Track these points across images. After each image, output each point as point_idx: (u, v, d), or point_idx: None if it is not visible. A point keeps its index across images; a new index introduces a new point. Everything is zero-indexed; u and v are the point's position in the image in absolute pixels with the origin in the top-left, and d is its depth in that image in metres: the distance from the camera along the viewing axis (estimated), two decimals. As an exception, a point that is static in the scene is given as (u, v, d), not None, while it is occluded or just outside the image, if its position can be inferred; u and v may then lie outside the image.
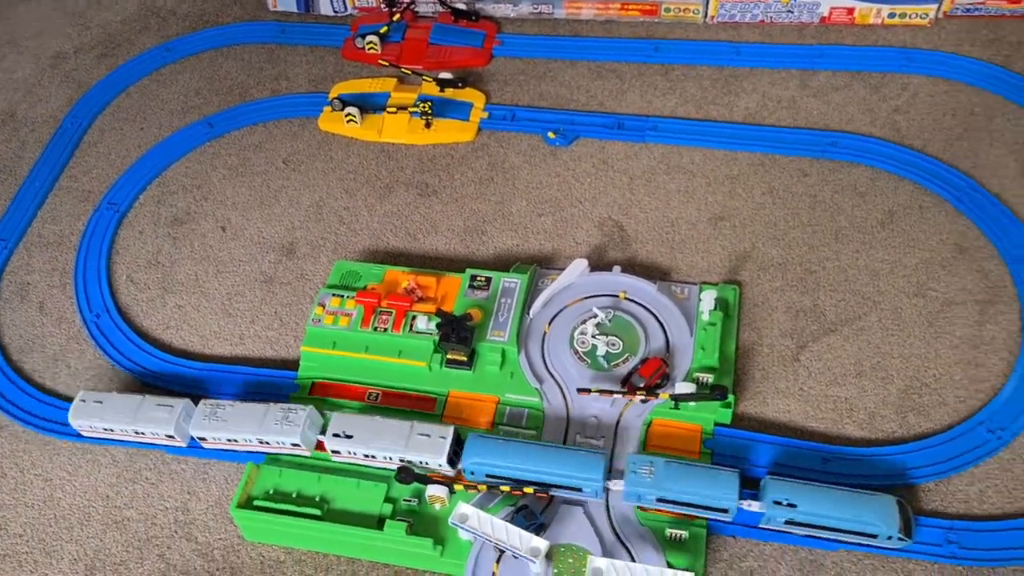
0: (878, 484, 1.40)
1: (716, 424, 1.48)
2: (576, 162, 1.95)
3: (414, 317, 1.60)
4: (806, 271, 1.71)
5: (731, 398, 1.46)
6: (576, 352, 1.57)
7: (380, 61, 2.12)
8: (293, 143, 2.06)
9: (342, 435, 1.43)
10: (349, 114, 2.01)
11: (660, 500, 1.34)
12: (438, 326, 1.54)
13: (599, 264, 1.74)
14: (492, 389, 1.55)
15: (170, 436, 1.49)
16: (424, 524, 1.40)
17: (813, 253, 1.73)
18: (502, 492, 1.40)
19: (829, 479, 1.40)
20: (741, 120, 1.98)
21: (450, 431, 1.42)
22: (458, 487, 1.40)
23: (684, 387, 1.47)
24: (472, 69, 2.17)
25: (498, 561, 1.35)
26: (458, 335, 1.52)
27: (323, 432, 1.46)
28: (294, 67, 2.23)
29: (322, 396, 1.57)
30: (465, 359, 1.55)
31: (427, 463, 1.41)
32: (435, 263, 1.80)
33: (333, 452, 1.45)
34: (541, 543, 1.28)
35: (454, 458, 1.42)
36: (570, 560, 1.34)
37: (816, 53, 2.08)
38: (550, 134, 1.98)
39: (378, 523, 1.38)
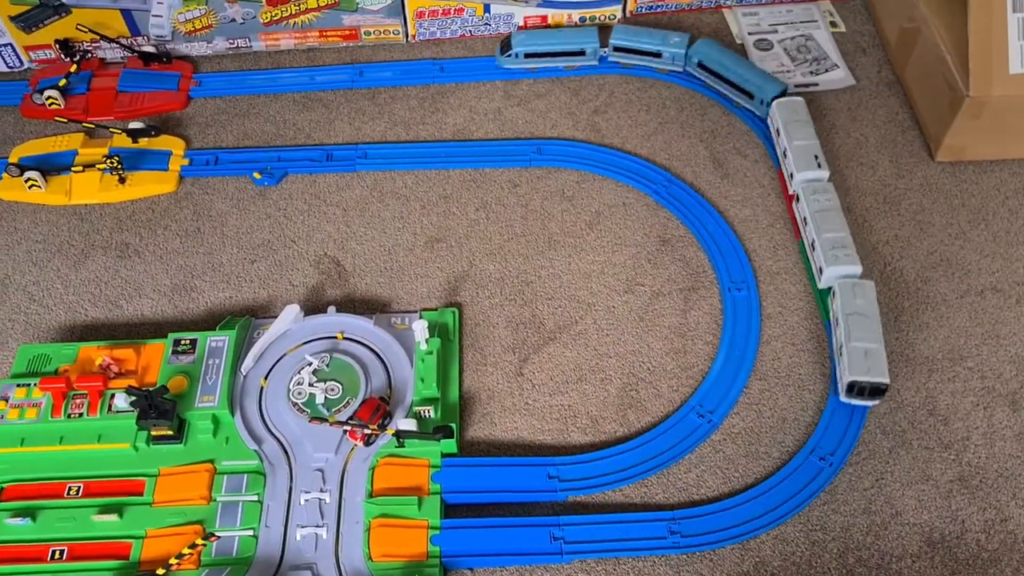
0: (602, 489, 1.43)
1: (443, 455, 1.46)
2: (287, 200, 1.87)
3: (112, 396, 1.47)
4: (523, 282, 1.72)
5: (453, 426, 1.44)
6: (295, 404, 1.50)
7: (57, 118, 1.95)
8: (-31, 218, 1.86)
9: None
10: (29, 179, 1.84)
11: None
12: (132, 404, 1.43)
13: (318, 305, 1.68)
14: (207, 458, 1.45)
15: None
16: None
17: (528, 263, 1.75)
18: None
19: (553, 495, 1.42)
20: (450, 137, 1.97)
21: None
22: None
23: (406, 423, 1.44)
24: (170, 114, 2.04)
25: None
26: (158, 410, 1.41)
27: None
28: (-34, 132, 2.02)
29: (14, 500, 1.41)
30: (172, 433, 1.44)
31: None
32: (143, 330, 1.67)
33: None
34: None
35: None
36: (301, 630, 1.27)
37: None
38: (255, 175, 1.89)
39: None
